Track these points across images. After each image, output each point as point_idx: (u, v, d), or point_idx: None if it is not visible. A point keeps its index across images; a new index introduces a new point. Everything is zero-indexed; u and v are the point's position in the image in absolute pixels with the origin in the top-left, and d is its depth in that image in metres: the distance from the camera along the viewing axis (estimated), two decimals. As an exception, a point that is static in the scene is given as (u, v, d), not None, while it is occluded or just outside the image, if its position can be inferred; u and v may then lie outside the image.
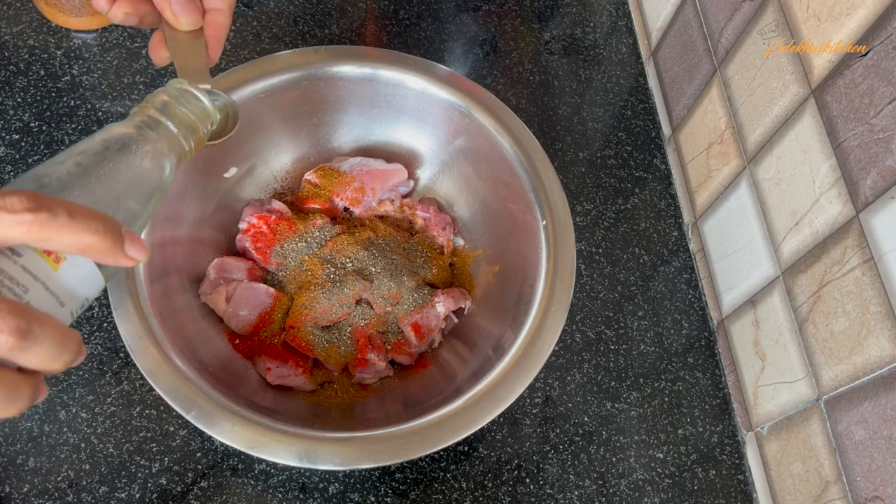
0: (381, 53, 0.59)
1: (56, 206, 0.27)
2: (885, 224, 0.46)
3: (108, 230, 0.29)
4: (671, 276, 0.68)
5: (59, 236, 0.27)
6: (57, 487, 0.52)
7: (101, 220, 0.29)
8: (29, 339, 0.27)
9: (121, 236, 0.29)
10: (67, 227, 0.27)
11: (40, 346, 0.27)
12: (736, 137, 0.63)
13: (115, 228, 0.29)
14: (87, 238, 0.28)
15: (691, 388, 0.63)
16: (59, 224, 0.27)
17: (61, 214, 0.27)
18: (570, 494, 0.57)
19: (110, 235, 0.29)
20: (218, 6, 0.41)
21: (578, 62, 0.79)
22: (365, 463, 0.45)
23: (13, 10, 0.70)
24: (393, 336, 0.57)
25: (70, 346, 0.29)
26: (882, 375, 0.46)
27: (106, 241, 0.29)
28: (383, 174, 0.62)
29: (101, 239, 0.29)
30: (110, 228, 0.29)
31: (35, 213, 0.26)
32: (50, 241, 0.28)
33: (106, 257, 0.29)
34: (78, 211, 0.28)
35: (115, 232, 0.29)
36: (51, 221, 0.27)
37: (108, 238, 0.29)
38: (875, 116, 0.47)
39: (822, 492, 0.52)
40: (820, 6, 0.52)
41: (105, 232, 0.29)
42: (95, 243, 0.28)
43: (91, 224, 0.28)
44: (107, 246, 0.29)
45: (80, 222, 0.28)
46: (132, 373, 0.56)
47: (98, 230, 0.28)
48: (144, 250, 0.31)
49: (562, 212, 0.55)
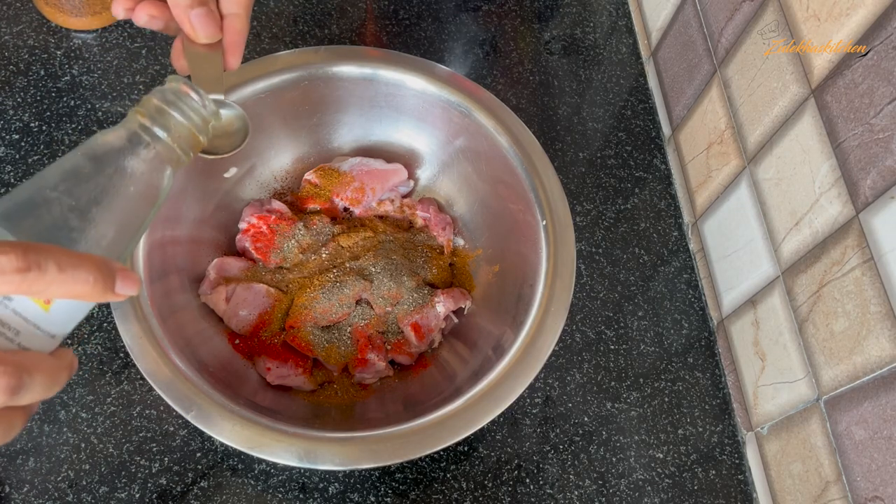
0: (381, 53, 0.59)
1: (45, 261, 0.27)
2: (885, 224, 0.46)
3: (98, 277, 0.29)
4: (671, 276, 0.68)
5: (49, 290, 0.28)
6: (57, 487, 0.52)
7: (90, 269, 0.28)
8: (20, 391, 0.28)
9: (112, 278, 0.29)
10: (57, 282, 0.27)
11: (32, 391, 0.28)
12: (736, 137, 0.63)
13: (106, 273, 0.29)
14: (77, 288, 0.28)
15: (691, 388, 0.63)
16: (48, 280, 0.27)
17: (51, 270, 0.27)
18: (570, 494, 0.57)
19: (101, 281, 0.29)
20: (234, 10, 0.40)
21: (578, 62, 0.79)
22: (365, 463, 0.45)
23: (13, 10, 0.70)
24: (393, 336, 0.57)
25: (61, 377, 0.29)
26: (882, 375, 0.46)
27: (97, 287, 0.29)
28: (383, 174, 0.62)
29: (91, 287, 0.29)
30: (101, 274, 0.29)
31: (24, 273, 0.26)
32: (41, 294, 0.28)
33: (96, 299, 0.30)
34: (68, 263, 0.28)
35: (105, 276, 0.29)
36: (40, 278, 0.27)
37: (99, 284, 0.29)
38: (875, 116, 0.47)
39: (822, 492, 0.52)
40: (820, 6, 0.52)
41: (95, 280, 0.29)
42: (86, 291, 0.29)
43: (81, 275, 0.28)
44: (98, 290, 0.29)
45: (69, 275, 0.28)
46: (132, 373, 0.56)
47: (88, 280, 0.28)
48: (136, 285, 0.30)
49: (562, 212, 0.55)
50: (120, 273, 0.30)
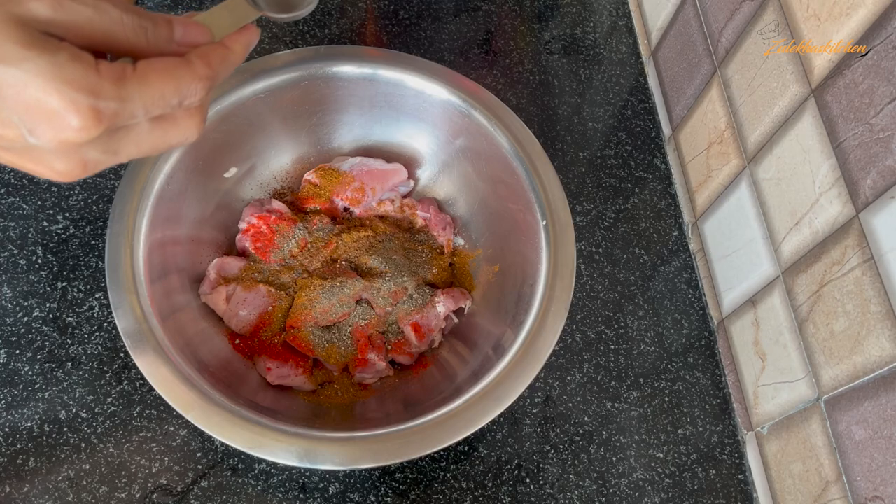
0: (381, 53, 0.59)
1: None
2: (885, 224, 0.46)
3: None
4: (671, 275, 0.68)
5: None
6: (57, 487, 0.52)
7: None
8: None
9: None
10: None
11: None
12: (736, 137, 0.63)
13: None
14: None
15: (691, 388, 0.63)
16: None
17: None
18: (570, 494, 0.57)
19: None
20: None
21: (578, 62, 0.79)
22: (365, 463, 0.45)
23: (13, 10, 0.70)
24: (393, 336, 0.57)
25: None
26: (882, 375, 0.46)
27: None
28: (383, 174, 0.62)
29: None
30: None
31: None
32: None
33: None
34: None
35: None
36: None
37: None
38: (875, 116, 0.47)
39: (823, 492, 0.52)
40: (820, 6, 0.52)
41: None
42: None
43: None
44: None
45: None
46: (132, 373, 0.56)
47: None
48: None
49: (562, 212, 0.55)
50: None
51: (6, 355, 0.55)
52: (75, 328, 0.57)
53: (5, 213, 0.61)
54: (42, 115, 0.27)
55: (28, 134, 0.28)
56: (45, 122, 0.27)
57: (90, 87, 0.27)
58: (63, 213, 0.61)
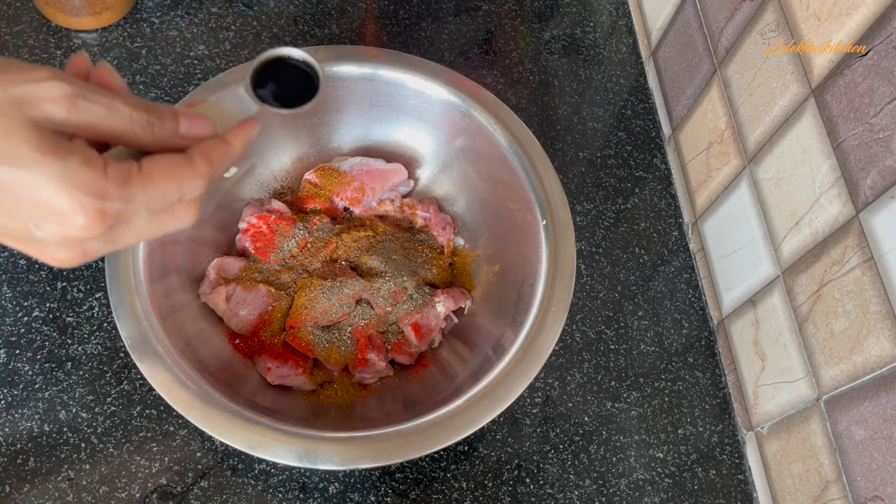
0: (381, 53, 0.59)
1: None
2: (885, 224, 0.46)
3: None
4: (671, 275, 0.68)
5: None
6: (57, 487, 0.52)
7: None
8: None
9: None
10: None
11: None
12: (736, 137, 0.63)
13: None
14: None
15: (691, 388, 0.63)
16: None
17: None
18: (570, 494, 0.57)
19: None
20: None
21: (578, 62, 0.79)
22: (365, 463, 0.45)
23: (13, 10, 0.70)
24: (393, 336, 0.57)
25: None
26: (882, 375, 0.46)
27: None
28: (383, 174, 0.62)
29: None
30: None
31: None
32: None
33: None
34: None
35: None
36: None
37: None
38: (875, 116, 0.47)
39: (823, 491, 0.52)
40: (820, 6, 0.51)
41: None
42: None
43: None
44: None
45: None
46: (132, 373, 0.56)
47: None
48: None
49: (562, 212, 0.55)
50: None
51: (6, 355, 0.55)
52: (75, 328, 0.57)
53: (5, 213, 0.61)
54: (50, 214, 0.29)
55: (35, 229, 0.29)
56: (52, 221, 0.29)
57: (98, 190, 0.29)
58: (63, 213, 0.61)
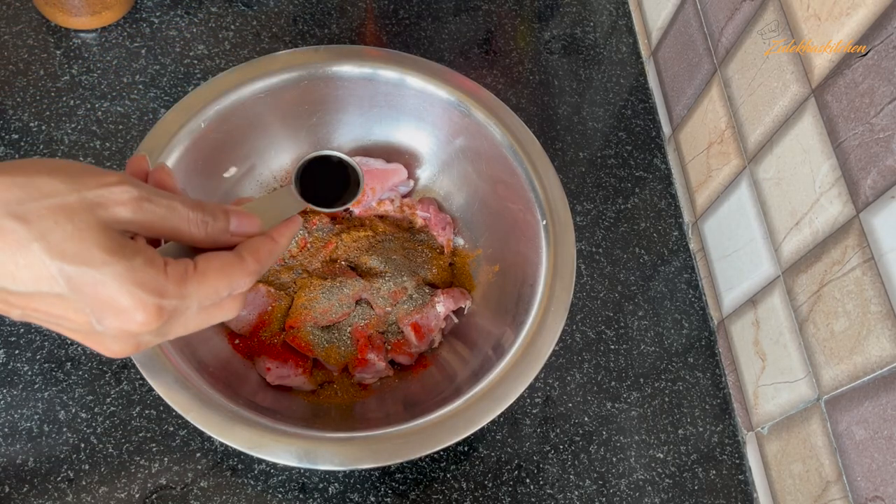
0: (381, 53, 0.59)
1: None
2: (885, 224, 0.46)
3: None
4: (671, 275, 0.68)
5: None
6: (57, 487, 0.52)
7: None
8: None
9: None
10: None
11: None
12: (736, 137, 0.63)
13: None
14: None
15: (691, 388, 0.63)
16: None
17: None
18: (570, 494, 0.57)
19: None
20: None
21: (578, 62, 0.79)
22: (365, 463, 0.45)
23: (13, 10, 0.70)
24: (393, 336, 0.57)
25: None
26: (882, 375, 0.46)
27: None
28: (383, 174, 0.62)
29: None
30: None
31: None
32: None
33: None
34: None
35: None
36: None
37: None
38: (875, 116, 0.47)
39: (823, 492, 0.52)
40: (820, 6, 0.51)
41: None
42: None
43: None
44: None
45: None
46: (132, 373, 0.56)
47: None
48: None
49: (562, 211, 0.55)
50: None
51: (6, 355, 0.55)
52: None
53: (5, 213, 0.60)
54: (112, 310, 0.31)
55: (96, 323, 0.31)
56: (113, 316, 0.31)
57: (158, 289, 0.31)
58: (63, 213, 0.61)
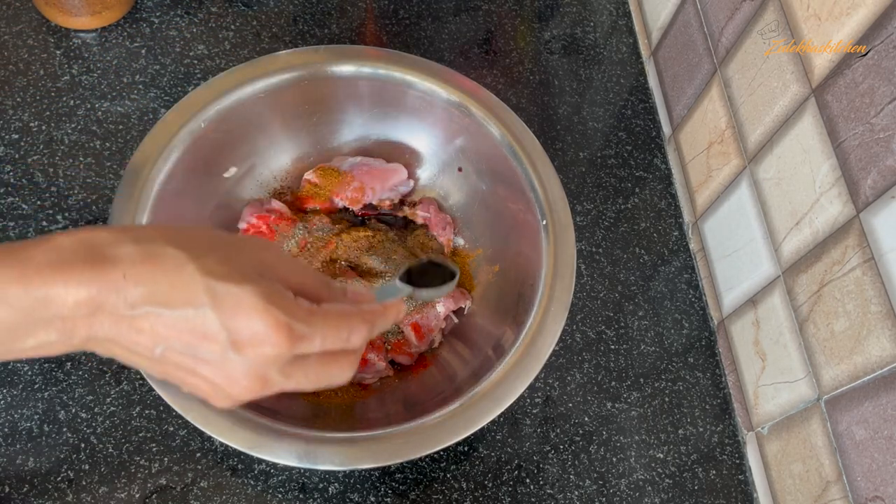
0: (381, 53, 0.59)
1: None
2: (885, 224, 0.46)
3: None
4: (671, 275, 0.68)
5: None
6: (57, 487, 0.52)
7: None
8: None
9: None
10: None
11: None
12: (736, 137, 0.63)
13: None
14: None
15: (691, 388, 0.63)
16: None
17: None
18: (570, 494, 0.57)
19: None
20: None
21: (578, 62, 0.79)
22: (365, 463, 0.45)
23: (13, 10, 0.70)
24: (393, 336, 0.57)
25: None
26: (882, 375, 0.46)
27: None
28: (383, 174, 0.62)
29: None
30: None
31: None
32: None
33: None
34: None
35: None
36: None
37: None
38: (875, 116, 0.47)
39: (823, 492, 0.52)
40: (820, 6, 0.51)
41: None
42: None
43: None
44: None
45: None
46: (132, 373, 0.56)
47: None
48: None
49: (562, 211, 0.55)
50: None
51: (6, 355, 0.55)
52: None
53: (5, 214, 0.61)
54: (247, 321, 0.33)
55: (230, 346, 0.33)
56: (247, 332, 0.33)
57: (291, 310, 0.34)
58: (63, 213, 0.61)
